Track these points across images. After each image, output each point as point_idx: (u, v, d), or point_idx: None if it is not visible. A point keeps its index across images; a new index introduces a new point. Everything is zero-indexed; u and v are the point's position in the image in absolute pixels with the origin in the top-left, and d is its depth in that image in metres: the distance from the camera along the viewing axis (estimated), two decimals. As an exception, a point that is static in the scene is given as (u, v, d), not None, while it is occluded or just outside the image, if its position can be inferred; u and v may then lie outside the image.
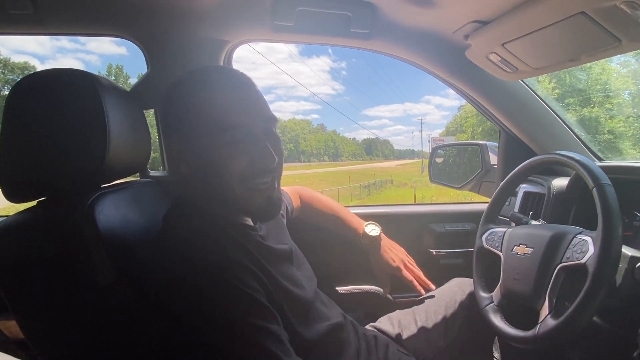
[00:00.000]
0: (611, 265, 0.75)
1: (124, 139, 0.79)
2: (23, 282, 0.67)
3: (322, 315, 0.84)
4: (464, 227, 1.47)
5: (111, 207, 0.74)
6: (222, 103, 0.72)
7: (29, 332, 0.68)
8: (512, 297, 0.90)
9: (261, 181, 0.73)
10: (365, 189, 31.15)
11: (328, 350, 0.81)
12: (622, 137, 21.92)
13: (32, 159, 0.69)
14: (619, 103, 26.68)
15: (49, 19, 1.02)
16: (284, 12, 1.05)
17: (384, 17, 1.10)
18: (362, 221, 1.19)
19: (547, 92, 17.20)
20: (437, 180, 1.79)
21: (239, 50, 1.23)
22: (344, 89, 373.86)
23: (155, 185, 1.00)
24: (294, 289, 0.77)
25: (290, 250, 0.86)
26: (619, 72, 27.54)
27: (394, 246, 1.18)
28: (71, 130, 0.70)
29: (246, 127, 0.71)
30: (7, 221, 0.68)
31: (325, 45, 1.27)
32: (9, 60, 51.27)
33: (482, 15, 0.96)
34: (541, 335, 0.78)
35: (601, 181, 0.80)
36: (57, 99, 0.70)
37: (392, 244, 1.18)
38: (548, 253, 0.84)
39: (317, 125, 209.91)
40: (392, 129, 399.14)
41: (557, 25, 0.83)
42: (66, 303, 0.67)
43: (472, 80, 1.27)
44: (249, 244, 0.73)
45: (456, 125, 69.29)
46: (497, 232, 1.01)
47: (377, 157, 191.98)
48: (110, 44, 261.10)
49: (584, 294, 0.74)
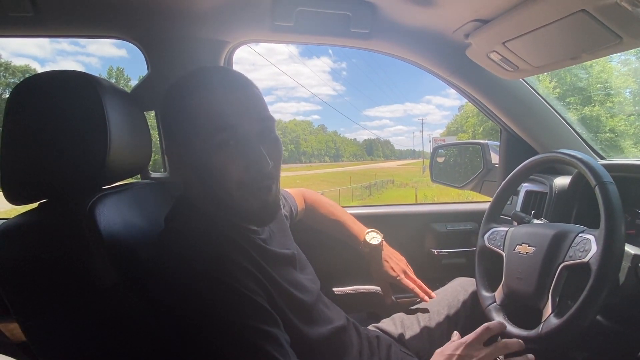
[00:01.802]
0: (614, 264, 0.74)
1: (125, 141, 0.79)
2: (24, 285, 0.67)
3: (325, 318, 0.84)
4: (466, 226, 1.47)
5: (112, 209, 0.74)
6: (213, 104, 0.70)
7: (30, 335, 0.68)
8: (515, 296, 0.90)
9: (258, 186, 0.71)
10: (367, 190, 31.16)
11: (331, 352, 0.81)
12: (624, 135, 21.89)
13: (33, 161, 0.69)
14: (619, 101, 26.65)
15: (49, 21, 1.02)
16: (284, 13, 1.05)
17: (384, 16, 1.10)
18: (364, 228, 1.17)
19: (548, 90, 17.20)
20: (439, 180, 1.79)
21: (238, 51, 1.23)
22: (344, 89, 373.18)
23: (156, 187, 1.00)
24: (296, 292, 0.77)
25: (293, 255, 0.85)
26: (619, 70, 27.55)
27: (395, 255, 1.17)
28: (72, 132, 0.70)
29: (237, 128, 0.69)
30: (8, 223, 0.68)
31: (326, 45, 1.27)
32: (10, 63, 51.46)
33: (483, 13, 0.96)
34: (544, 334, 0.78)
35: (603, 179, 0.80)
36: (58, 100, 0.70)
37: (392, 252, 1.17)
38: (550, 252, 0.84)
39: (317, 126, 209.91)
40: (393, 129, 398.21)
41: (558, 23, 0.83)
42: (67, 305, 0.67)
43: (472, 79, 1.27)
44: (250, 246, 0.73)
45: (457, 125, 69.26)
46: (499, 232, 1.00)
47: (378, 158, 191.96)
48: (110, 46, 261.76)
49: (587, 292, 0.73)
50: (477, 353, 0.74)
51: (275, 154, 0.73)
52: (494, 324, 0.79)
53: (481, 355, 0.74)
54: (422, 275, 1.16)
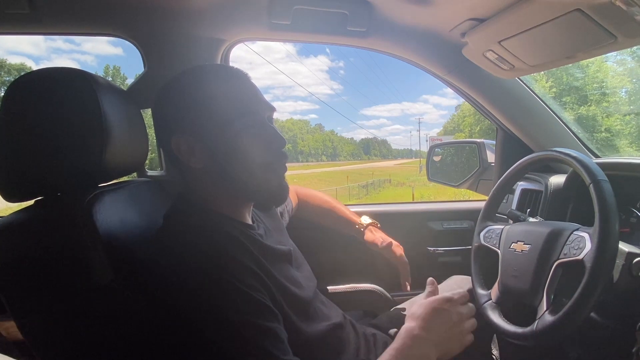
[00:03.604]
0: (608, 261, 0.75)
1: (122, 138, 0.78)
2: (21, 282, 0.67)
3: (322, 315, 0.84)
4: (462, 224, 1.48)
5: (109, 206, 0.73)
6: (227, 93, 0.74)
7: (27, 332, 0.68)
8: (510, 294, 0.90)
9: (280, 164, 0.77)
10: (364, 189, 31.18)
11: (328, 349, 0.81)
12: (619, 135, 21.99)
13: (30, 158, 0.69)
14: (615, 101, 26.80)
15: (46, 19, 1.02)
16: (281, 11, 1.05)
17: (380, 15, 1.10)
18: (357, 215, 1.20)
19: (544, 90, 17.24)
20: (435, 179, 1.79)
21: (235, 50, 1.23)
22: (342, 88, 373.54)
23: (153, 185, 1.00)
24: (293, 288, 0.77)
25: (289, 252, 0.86)
26: (615, 70, 27.68)
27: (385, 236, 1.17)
28: (68, 129, 0.70)
29: (254, 113, 0.75)
30: (4, 220, 0.67)
31: (323, 43, 1.27)
32: (5, 61, 51.17)
33: (479, 12, 0.96)
34: (539, 331, 0.79)
35: (598, 178, 0.80)
36: (54, 98, 0.70)
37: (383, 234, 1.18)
38: (545, 250, 0.84)
39: (315, 125, 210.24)
40: (390, 129, 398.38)
41: (553, 23, 0.83)
42: (64, 302, 0.67)
43: (469, 78, 1.27)
44: (248, 242, 0.73)
45: (454, 124, 69.42)
46: (494, 230, 1.01)
47: (375, 157, 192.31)
48: (106, 44, 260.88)
49: (582, 290, 0.74)
50: (459, 310, 0.75)
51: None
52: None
53: (463, 312, 0.76)
54: (418, 273, 1.16)
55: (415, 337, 0.71)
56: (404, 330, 0.72)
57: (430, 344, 0.71)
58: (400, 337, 0.71)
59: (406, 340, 0.70)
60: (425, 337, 0.71)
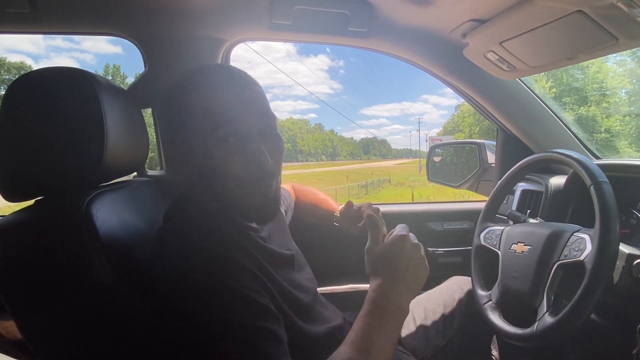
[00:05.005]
0: (608, 263, 0.75)
1: (122, 138, 0.78)
2: (20, 282, 0.66)
3: (323, 318, 0.84)
4: (462, 225, 1.48)
5: (109, 206, 0.73)
6: (212, 100, 0.69)
7: (26, 332, 0.68)
8: (510, 295, 0.90)
9: (257, 183, 0.71)
10: (363, 189, 31.17)
11: (328, 350, 0.81)
12: (619, 135, 22.03)
13: (30, 158, 0.69)
14: (615, 102, 26.82)
15: (46, 18, 1.01)
16: (282, 11, 1.05)
17: (381, 15, 1.10)
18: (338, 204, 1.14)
19: (544, 90, 17.25)
20: (435, 179, 1.79)
21: (235, 49, 1.23)
22: (342, 88, 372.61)
23: (153, 185, 0.99)
24: (295, 292, 0.77)
25: (292, 256, 0.85)
26: (615, 71, 27.69)
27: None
28: (69, 129, 0.70)
29: (236, 123, 0.69)
30: (4, 220, 0.67)
31: (323, 44, 1.27)
32: (5, 60, 51.15)
33: (480, 13, 0.96)
34: (539, 332, 0.79)
35: (598, 179, 0.80)
36: (55, 97, 0.69)
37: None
38: (546, 251, 0.84)
39: (314, 124, 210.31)
40: (390, 129, 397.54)
41: (555, 24, 0.83)
42: (64, 302, 0.67)
43: (469, 78, 1.27)
44: (249, 244, 0.73)
45: (453, 124, 69.42)
46: (495, 231, 1.01)
47: (375, 157, 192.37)
48: (105, 43, 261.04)
49: (582, 291, 0.74)
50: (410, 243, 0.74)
51: (276, 152, 0.73)
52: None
53: (413, 242, 0.75)
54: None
55: (386, 292, 0.67)
56: (372, 291, 0.68)
57: (402, 290, 0.68)
58: (369, 299, 0.67)
59: (378, 300, 0.66)
60: (396, 286, 0.67)
